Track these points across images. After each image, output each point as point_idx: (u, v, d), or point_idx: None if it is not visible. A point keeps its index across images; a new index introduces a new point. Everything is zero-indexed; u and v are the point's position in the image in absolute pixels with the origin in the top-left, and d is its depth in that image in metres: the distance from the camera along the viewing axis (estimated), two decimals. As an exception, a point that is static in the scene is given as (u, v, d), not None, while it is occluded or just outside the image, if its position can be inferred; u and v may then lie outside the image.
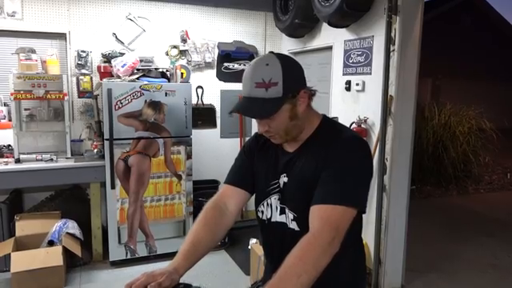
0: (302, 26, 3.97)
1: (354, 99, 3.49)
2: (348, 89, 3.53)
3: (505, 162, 8.06)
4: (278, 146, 1.35)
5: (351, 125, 3.37)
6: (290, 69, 1.20)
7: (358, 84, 3.38)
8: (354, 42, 3.47)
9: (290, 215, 1.28)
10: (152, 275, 1.12)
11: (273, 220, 1.34)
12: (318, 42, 4.02)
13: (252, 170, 1.42)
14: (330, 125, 1.33)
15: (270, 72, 1.17)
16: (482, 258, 3.73)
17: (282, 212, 1.31)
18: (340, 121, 3.19)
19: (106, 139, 3.42)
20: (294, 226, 1.27)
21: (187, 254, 1.24)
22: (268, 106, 1.17)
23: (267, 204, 1.36)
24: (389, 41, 3.06)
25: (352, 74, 3.49)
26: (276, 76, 1.17)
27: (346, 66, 3.58)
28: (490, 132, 6.86)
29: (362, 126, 3.31)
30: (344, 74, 3.60)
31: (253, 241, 3.43)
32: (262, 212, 1.38)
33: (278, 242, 1.32)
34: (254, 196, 1.44)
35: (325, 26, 3.71)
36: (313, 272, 1.03)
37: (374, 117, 3.22)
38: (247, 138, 4.61)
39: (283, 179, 1.31)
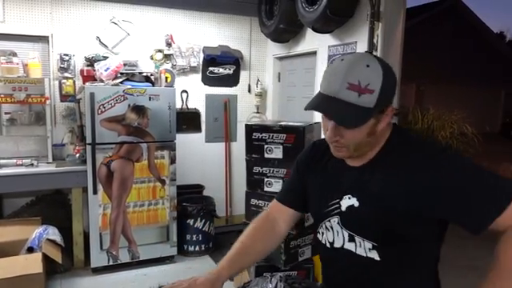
0: (286, 31, 3.99)
1: (337, 104, 3.51)
2: (332, 94, 3.55)
3: (486, 166, 8.20)
4: (339, 159, 1.16)
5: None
6: (390, 79, 1.01)
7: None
8: (337, 48, 3.50)
9: (368, 244, 1.08)
10: (195, 283, 1.10)
11: (337, 246, 1.16)
12: (303, 47, 4.05)
13: (304, 188, 1.28)
14: (403, 137, 1.11)
15: (369, 76, 0.98)
16: (461, 260, 3.77)
17: (352, 239, 1.12)
18: (324, 126, 3.22)
19: (89, 144, 3.37)
20: (373, 255, 1.08)
21: (232, 262, 1.21)
22: (355, 114, 0.99)
23: (328, 227, 1.18)
24: (371, 46, 3.10)
25: (336, 79, 3.52)
26: (374, 83, 0.98)
27: (330, 71, 3.60)
28: (471, 136, 6.98)
29: (346, 130, 3.32)
30: (328, 80, 3.62)
31: (237, 246, 3.41)
32: (322, 234, 1.22)
33: (345, 269, 1.17)
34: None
35: (309, 31, 3.74)
36: None
37: (358, 122, 3.25)
38: (233, 143, 4.65)
39: (348, 201, 1.11)
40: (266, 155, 2.73)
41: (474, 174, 0.99)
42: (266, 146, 2.72)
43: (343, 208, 1.12)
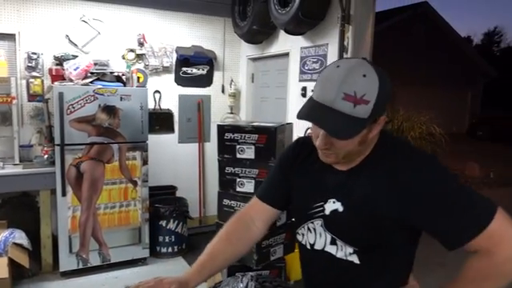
0: (259, 32, 4.02)
1: (309, 105, 3.56)
2: (304, 95, 3.60)
3: (453, 165, 8.48)
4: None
5: (307, 130, 3.44)
6: (386, 88, 0.97)
7: (312, 90, 3.45)
8: (309, 50, 3.55)
9: (349, 249, 1.09)
10: (161, 282, 1.09)
11: (318, 248, 1.16)
12: (276, 48, 4.09)
13: (287, 186, 1.26)
14: (391, 144, 1.10)
15: (365, 86, 0.95)
16: (430, 258, 3.88)
17: (333, 243, 1.12)
18: (296, 126, 3.26)
19: (57, 145, 3.30)
20: (353, 258, 1.09)
21: (201, 266, 1.19)
22: (349, 126, 0.96)
23: (311, 228, 1.17)
24: (342, 49, 3.16)
25: (308, 80, 3.57)
26: (370, 93, 0.95)
27: (302, 72, 3.66)
28: (439, 137, 7.20)
29: (318, 131, 3.38)
30: (300, 81, 3.68)
31: (210, 247, 3.41)
32: (303, 235, 1.21)
33: (324, 271, 1.18)
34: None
35: (282, 33, 3.78)
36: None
37: (329, 123, 3.30)
38: (206, 144, 4.64)
39: (332, 205, 1.11)
40: (238, 155, 2.74)
41: (456, 190, 0.99)
42: (238, 147, 2.73)
43: (327, 212, 1.12)
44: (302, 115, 1.02)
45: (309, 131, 3.43)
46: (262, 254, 2.76)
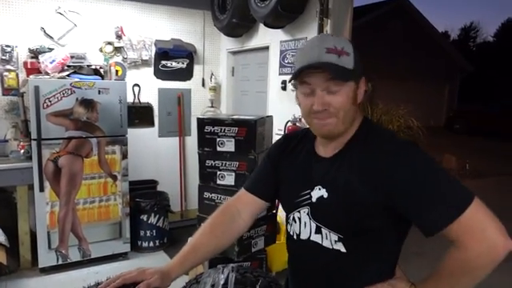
0: (239, 25, 4.01)
1: (289, 98, 3.59)
2: (284, 88, 3.63)
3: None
4: (311, 150, 1.19)
5: (287, 123, 3.47)
6: (356, 50, 1.08)
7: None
8: (289, 43, 3.57)
9: (334, 236, 1.10)
10: (143, 272, 1.09)
11: (303, 237, 1.17)
12: (256, 41, 4.09)
13: (275, 178, 1.28)
14: (372, 129, 1.13)
15: (341, 42, 1.06)
16: (406, 248, 3.98)
17: (318, 231, 1.13)
18: (276, 119, 3.29)
19: (34, 139, 3.24)
20: (339, 247, 1.10)
21: (184, 258, 1.19)
22: (342, 72, 1.03)
23: (296, 218, 1.19)
24: (321, 42, 3.19)
25: (288, 73, 3.60)
26: (347, 47, 1.06)
27: (281, 66, 3.68)
28: (417, 130, 7.36)
29: (297, 124, 3.41)
30: (280, 74, 3.70)
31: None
32: (291, 225, 1.22)
33: (312, 260, 1.18)
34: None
35: (262, 26, 3.79)
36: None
37: (308, 115, 3.34)
38: (187, 138, 4.63)
39: (318, 192, 1.13)
40: (219, 148, 2.75)
41: (435, 176, 1.00)
42: (218, 140, 2.74)
43: (314, 199, 1.13)
44: (297, 72, 1.07)
45: (289, 124, 3.46)
46: (243, 246, 2.78)
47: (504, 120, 13.23)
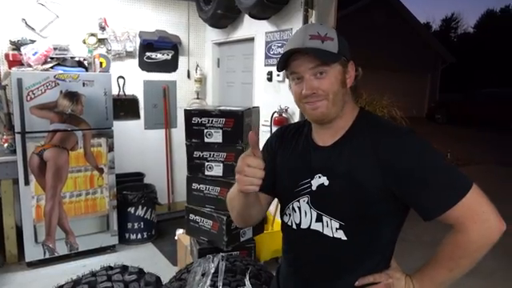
0: (224, 16, 4.00)
1: (275, 89, 3.62)
2: (270, 79, 3.65)
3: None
4: (309, 140, 1.20)
5: (273, 114, 3.50)
6: (340, 35, 1.14)
7: (278, 75, 3.52)
8: (274, 34, 3.58)
9: (335, 223, 1.11)
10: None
11: (304, 227, 1.17)
12: (241, 33, 4.09)
13: (274, 170, 1.24)
14: (371, 118, 1.17)
15: (324, 29, 1.12)
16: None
17: (319, 219, 1.14)
18: (262, 110, 3.31)
19: (18, 132, 3.19)
20: (340, 235, 1.11)
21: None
22: (327, 54, 1.07)
23: (295, 208, 1.19)
24: (306, 33, 3.21)
25: (273, 65, 3.61)
26: (331, 33, 1.11)
27: (267, 57, 3.69)
28: (400, 120, 7.46)
29: (283, 115, 3.45)
30: (266, 65, 3.72)
31: (179, 231, 3.44)
32: (289, 215, 1.21)
33: (312, 249, 1.18)
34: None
35: (247, 17, 3.79)
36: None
37: (294, 106, 3.35)
38: (173, 130, 4.62)
39: (318, 180, 1.13)
40: (206, 140, 2.76)
41: (435, 161, 1.04)
42: (205, 131, 2.75)
43: (314, 187, 1.14)
44: (282, 57, 1.10)
45: (275, 115, 3.49)
46: (231, 236, 2.82)
47: (483, 109, 13.51)
